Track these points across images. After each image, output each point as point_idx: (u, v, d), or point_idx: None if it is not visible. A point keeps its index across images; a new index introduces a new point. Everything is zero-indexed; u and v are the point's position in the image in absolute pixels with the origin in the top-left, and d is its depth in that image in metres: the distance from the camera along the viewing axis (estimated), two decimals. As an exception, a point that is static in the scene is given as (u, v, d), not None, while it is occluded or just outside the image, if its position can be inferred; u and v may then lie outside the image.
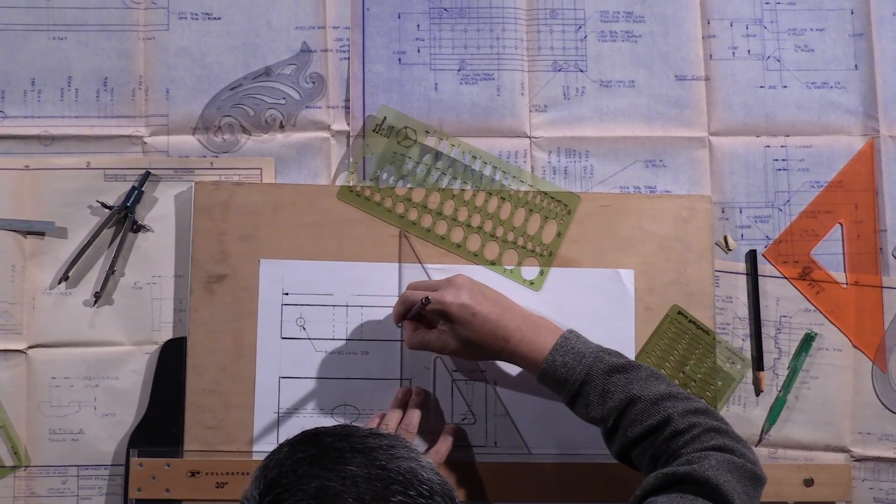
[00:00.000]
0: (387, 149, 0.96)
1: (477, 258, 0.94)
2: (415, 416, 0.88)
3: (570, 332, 0.83)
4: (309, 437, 0.66)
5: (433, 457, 0.87)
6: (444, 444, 0.88)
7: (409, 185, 0.95)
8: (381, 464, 0.62)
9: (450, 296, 0.83)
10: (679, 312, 0.94)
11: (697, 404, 0.78)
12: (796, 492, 0.93)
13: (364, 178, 0.96)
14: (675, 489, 0.71)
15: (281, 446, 0.66)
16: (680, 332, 0.94)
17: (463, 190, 0.95)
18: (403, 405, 0.90)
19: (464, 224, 0.94)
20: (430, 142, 0.97)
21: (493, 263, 0.94)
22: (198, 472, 0.89)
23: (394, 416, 0.88)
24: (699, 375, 0.94)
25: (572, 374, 0.80)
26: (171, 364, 0.92)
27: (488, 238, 0.94)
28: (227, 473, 0.89)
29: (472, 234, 0.94)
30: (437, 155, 0.96)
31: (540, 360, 0.81)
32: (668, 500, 0.70)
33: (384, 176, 0.96)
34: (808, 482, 0.93)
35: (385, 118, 0.97)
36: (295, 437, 0.67)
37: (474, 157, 0.96)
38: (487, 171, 0.96)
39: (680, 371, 0.94)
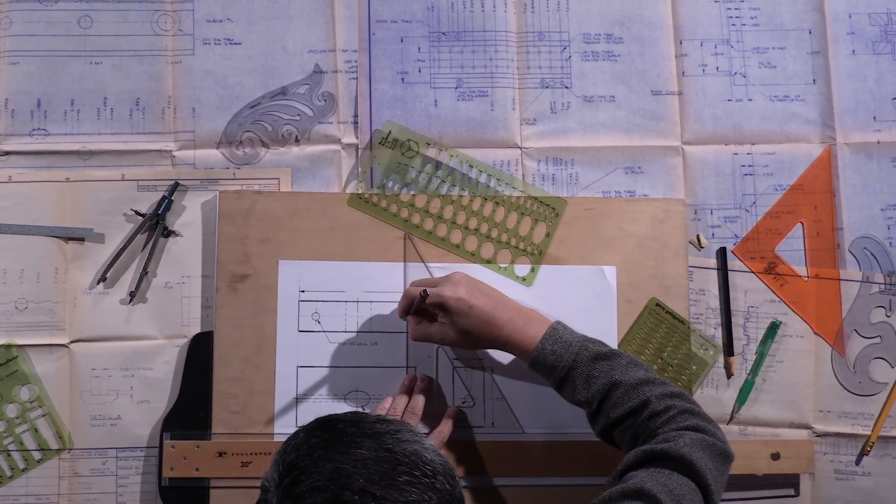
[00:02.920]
0: (392, 159, 0.97)
1: (474, 257, 0.95)
2: (419, 400, 0.89)
3: (558, 322, 0.84)
4: (322, 424, 0.67)
5: (436, 438, 0.88)
6: (447, 426, 0.89)
7: (412, 192, 0.96)
8: (388, 447, 0.63)
9: (448, 290, 0.84)
10: (657, 304, 0.95)
11: (673, 389, 0.79)
12: (764, 465, 0.93)
13: (372, 186, 0.96)
14: (653, 464, 0.72)
15: (297, 432, 0.67)
16: (658, 321, 0.95)
17: (461, 196, 0.96)
18: (410, 391, 0.90)
19: (462, 226, 0.95)
20: (431, 153, 0.97)
21: (488, 262, 0.95)
22: (224, 453, 0.90)
23: (401, 401, 0.89)
24: (676, 361, 0.95)
25: (560, 361, 0.81)
26: (199, 355, 0.92)
27: (484, 239, 0.95)
28: (251, 454, 0.90)
29: (470, 236, 0.95)
30: (438, 165, 0.97)
31: (531, 348, 0.82)
32: (647, 474, 0.71)
33: (390, 184, 0.97)
34: (775, 456, 0.93)
35: (390, 132, 0.98)
36: (310, 423, 0.68)
37: (471, 166, 0.97)
38: (483, 179, 0.97)
39: (658, 357, 0.95)
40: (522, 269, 0.95)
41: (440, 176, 0.97)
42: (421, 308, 0.86)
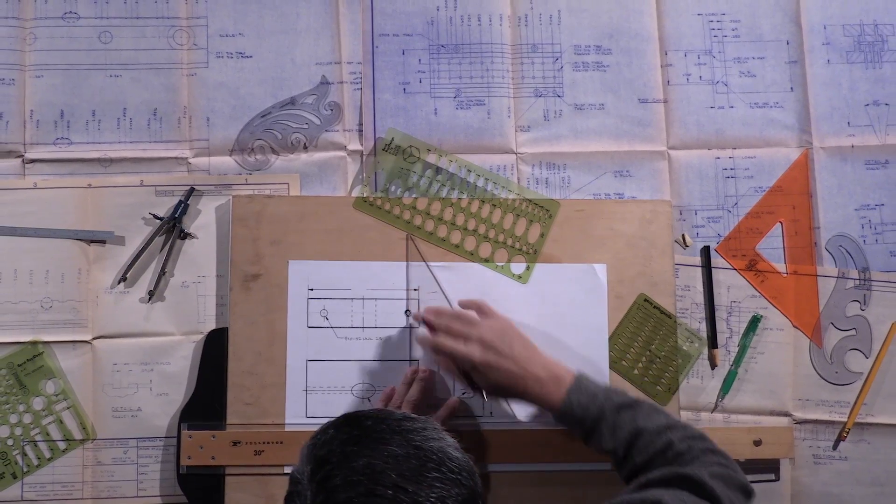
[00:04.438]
0: (395, 165, 0.98)
1: (472, 256, 0.95)
2: (416, 390, 0.89)
3: (581, 374, 0.81)
4: (350, 420, 0.65)
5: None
6: (445, 411, 0.89)
7: (414, 196, 0.97)
8: (416, 444, 0.62)
9: (475, 351, 0.82)
10: (645, 300, 0.95)
11: (694, 431, 0.78)
12: (747, 451, 0.93)
13: (376, 190, 0.97)
14: (675, 486, 0.70)
15: (325, 428, 0.65)
16: (646, 316, 0.95)
17: (460, 199, 0.96)
18: (411, 382, 0.90)
19: (461, 227, 0.95)
20: (432, 158, 0.98)
21: (486, 261, 0.95)
22: (239, 442, 0.90)
23: (402, 391, 0.89)
24: (663, 353, 0.95)
25: (587, 414, 0.79)
26: (214, 350, 0.92)
27: (482, 239, 0.96)
28: (264, 443, 0.90)
29: (469, 236, 0.96)
30: (438, 170, 0.98)
31: (558, 403, 0.80)
32: (668, 492, 0.69)
33: (393, 188, 0.97)
34: (757, 442, 0.94)
35: (393, 139, 0.98)
36: (337, 419, 0.66)
37: (469, 171, 0.98)
38: (480, 183, 0.98)
39: (646, 349, 0.95)
40: (518, 267, 0.95)
41: (440, 180, 0.98)
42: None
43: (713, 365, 0.97)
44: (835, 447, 0.97)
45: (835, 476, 0.96)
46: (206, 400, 0.92)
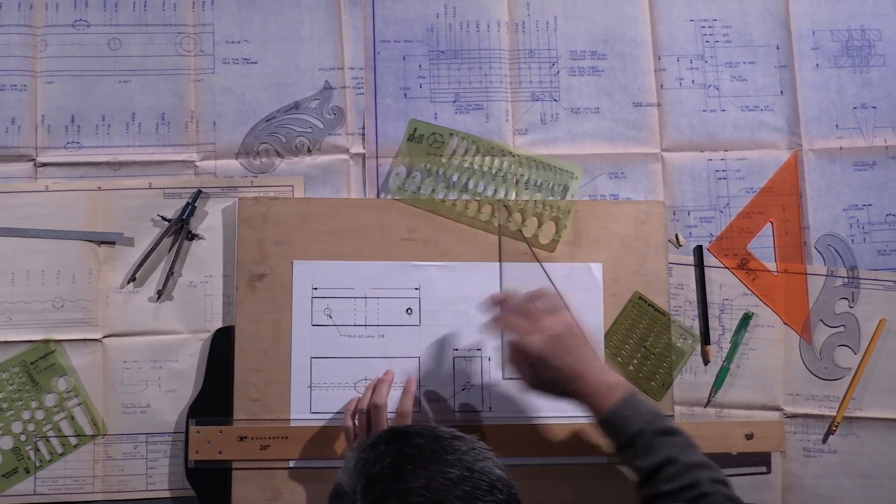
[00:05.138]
0: (422, 152, 0.97)
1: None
2: (406, 400, 0.88)
3: (633, 389, 0.80)
4: (400, 437, 0.64)
5: (403, 414, 0.87)
6: (407, 398, 0.88)
7: (440, 192, 0.95)
8: (468, 464, 0.62)
9: (536, 342, 0.80)
10: (640, 298, 0.96)
11: (722, 477, 0.77)
12: (739, 444, 0.94)
13: (405, 180, 0.97)
14: None
15: (375, 444, 0.64)
16: (641, 314, 0.96)
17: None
18: (375, 387, 0.89)
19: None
20: (454, 142, 0.97)
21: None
22: (245, 437, 0.90)
23: (366, 396, 0.88)
24: (657, 350, 0.96)
25: (629, 427, 0.78)
26: (221, 348, 0.93)
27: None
28: (269, 438, 0.90)
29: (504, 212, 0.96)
30: (466, 149, 0.97)
31: (604, 409, 0.79)
32: None
33: (420, 176, 0.97)
34: (749, 436, 0.94)
35: (416, 129, 0.98)
36: (383, 434, 0.65)
37: (492, 146, 0.97)
38: (496, 164, 0.97)
39: (641, 346, 0.96)
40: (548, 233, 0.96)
41: (467, 161, 0.97)
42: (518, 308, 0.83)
43: (706, 361, 0.98)
44: (824, 440, 0.97)
45: (824, 469, 0.97)
46: (214, 396, 0.92)
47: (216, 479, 0.91)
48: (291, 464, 0.91)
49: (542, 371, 0.80)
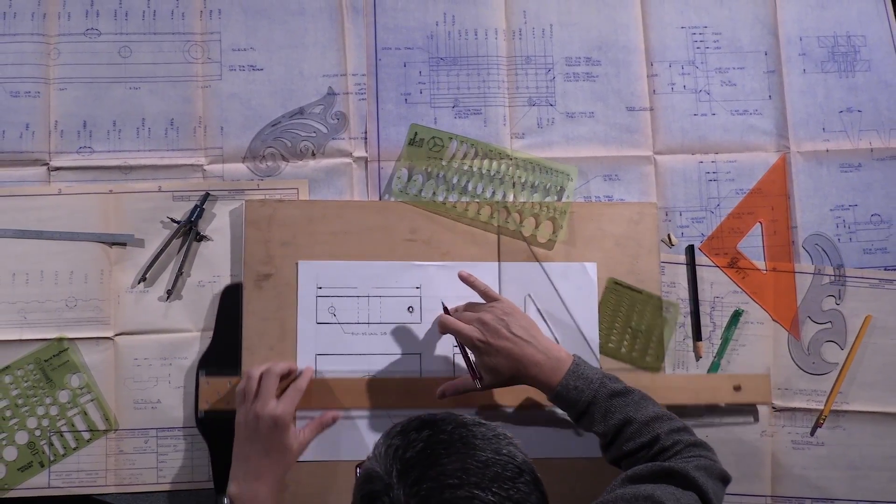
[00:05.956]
0: (423, 155, 0.99)
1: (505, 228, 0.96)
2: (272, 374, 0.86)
3: (578, 358, 0.82)
4: (428, 424, 0.65)
5: (295, 392, 0.85)
6: (316, 425, 0.87)
7: (441, 195, 0.97)
8: (495, 449, 0.62)
9: (476, 333, 0.82)
10: (615, 282, 0.96)
11: (679, 424, 0.80)
12: (728, 396, 0.95)
13: (407, 182, 0.98)
14: (661, 480, 0.72)
15: (405, 430, 0.64)
16: (619, 297, 0.97)
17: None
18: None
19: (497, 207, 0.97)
20: (453, 145, 0.99)
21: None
22: None
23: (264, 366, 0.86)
24: (643, 327, 0.96)
25: (581, 397, 0.79)
26: (230, 304, 0.93)
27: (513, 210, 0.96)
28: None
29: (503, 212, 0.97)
30: (465, 153, 0.98)
31: (554, 385, 0.80)
32: (657, 486, 0.71)
33: (421, 178, 0.98)
34: (737, 388, 0.95)
35: (416, 133, 0.99)
36: (412, 423, 0.65)
37: (490, 150, 0.98)
38: (494, 166, 0.98)
39: (628, 327, 0.96)
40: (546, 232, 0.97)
41: (467, 162, 0.98)
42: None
43: (697, 357, 0.98)
44: (812, 433, 0.98)
45: (813, 460, 0.98)
46: (223, 350, 0.93)
47: (225, 429, 0.89)
48: (298, 414, 0.90)
49: (488, 357, 0.81)
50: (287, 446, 0.83)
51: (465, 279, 0.89)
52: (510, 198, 0.98)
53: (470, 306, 0.88)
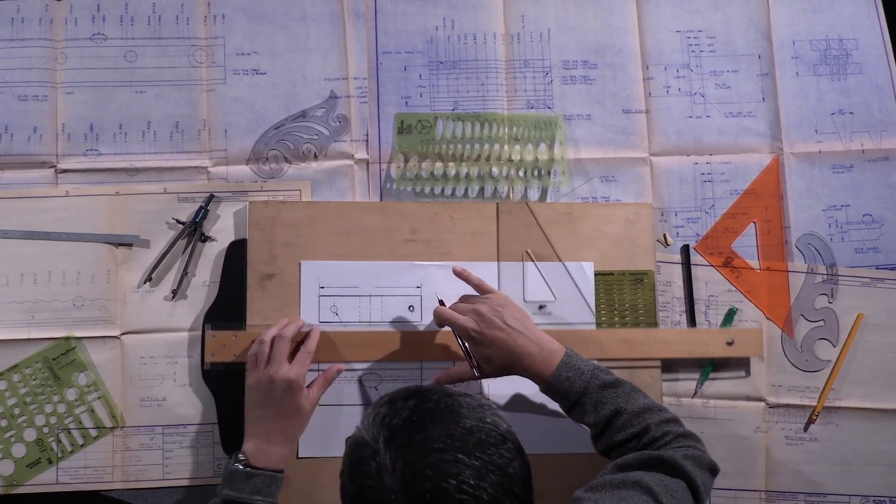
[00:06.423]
0: (414, 139, 0.99)
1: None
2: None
3: (570, 350, 0.83)
4: (416, 394, 0.66)
5: (305, 356, 0.87)
6: (323, 380, 0.89)
7: (440, 171, 0.96)
8: (479, 417, 0.64)
9: (471, 323, 0.83)
10: (596, 273, 0.96)
11: (668, 415, 0.80)
12: (721, 350, 0.95)
13: (405, 167, 0.99)
14: (651, 468, 0.73)
15: (392, 400, 0.66)
16: (598, 286, 0.96)
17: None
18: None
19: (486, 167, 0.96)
20: (440, 124, 0.99)
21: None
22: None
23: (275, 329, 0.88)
24: (626, 305, 0.95)
25: (573, 388, 0.80)
26: (235, 259, 0.94)
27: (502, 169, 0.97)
28: None
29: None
30: (454, 130, 0.99)
31: (547, 376, 0.81)
32: (646, 473, 0.72)
33: (416, 161, 0.98)
34: (730, 342, 0.95)
35: (402, 121, 1.00)
36: (399, 393, 0.67)
37: (476, 116, 0.99)
38: (485, 129, 0.98)
39: (614, 310, 0.96)
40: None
41: (458, 134, 0.99)
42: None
43: (693, 354, 0.98)
44: (805, 429, 0.99)
45: (806, 456, 0.98)
46: (228, 305, 0.94)
47: (230, 381, 0.91)
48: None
49: (483, 347, 0.82)
50: (300, 407, 0.85)
51: (459, 274, 0.90)
52: (505, 152, 0.97)
53: (465, 298, 0.89)
